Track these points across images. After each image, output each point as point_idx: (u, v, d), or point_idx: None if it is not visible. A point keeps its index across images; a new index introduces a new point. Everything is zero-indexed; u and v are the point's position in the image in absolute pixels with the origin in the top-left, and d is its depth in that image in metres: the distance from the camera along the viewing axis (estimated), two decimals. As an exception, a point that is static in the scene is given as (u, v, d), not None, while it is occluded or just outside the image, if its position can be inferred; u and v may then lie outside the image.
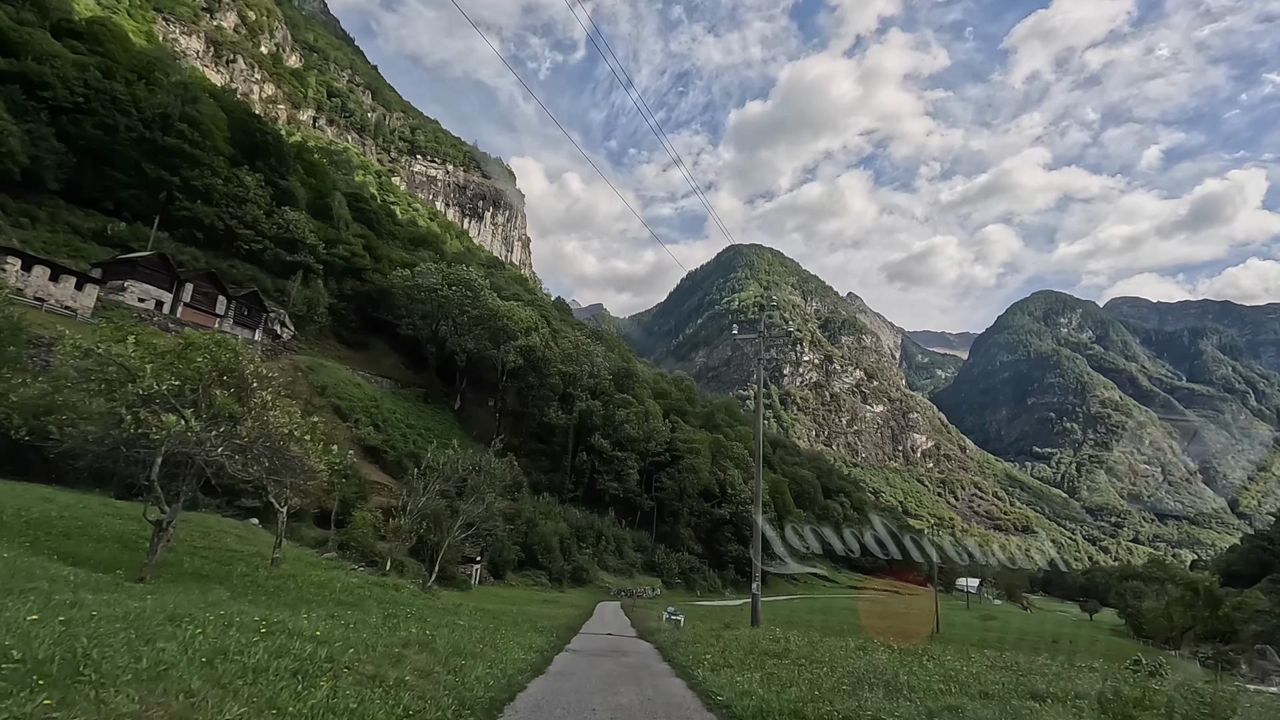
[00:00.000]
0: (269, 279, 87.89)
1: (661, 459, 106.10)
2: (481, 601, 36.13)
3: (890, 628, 67.11)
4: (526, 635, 20.29)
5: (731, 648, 18.59)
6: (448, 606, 27.57)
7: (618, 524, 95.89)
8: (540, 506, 77.70)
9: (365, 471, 61.65)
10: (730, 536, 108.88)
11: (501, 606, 35.93)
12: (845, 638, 25.61)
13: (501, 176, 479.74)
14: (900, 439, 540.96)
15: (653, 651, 20.25)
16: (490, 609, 31.63)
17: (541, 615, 33.22)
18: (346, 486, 43.88)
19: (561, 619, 31.62)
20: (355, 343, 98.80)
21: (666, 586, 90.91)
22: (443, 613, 23.87)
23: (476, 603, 35.03)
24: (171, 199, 79.92)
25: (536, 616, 30.99)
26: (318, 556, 35.46)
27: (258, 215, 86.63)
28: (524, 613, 33.59)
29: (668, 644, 20.91)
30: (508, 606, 36.56)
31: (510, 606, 36.85)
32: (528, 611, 35.07)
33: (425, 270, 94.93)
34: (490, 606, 34.11)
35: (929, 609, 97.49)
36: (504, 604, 38.76)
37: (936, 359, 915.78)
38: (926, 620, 77.88)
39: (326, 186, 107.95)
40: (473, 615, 24.83)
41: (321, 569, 29.40)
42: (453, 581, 45.02)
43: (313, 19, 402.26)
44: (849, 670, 14.92)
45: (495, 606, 35.00)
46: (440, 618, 21.26)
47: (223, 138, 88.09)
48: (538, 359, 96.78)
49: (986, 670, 18.23)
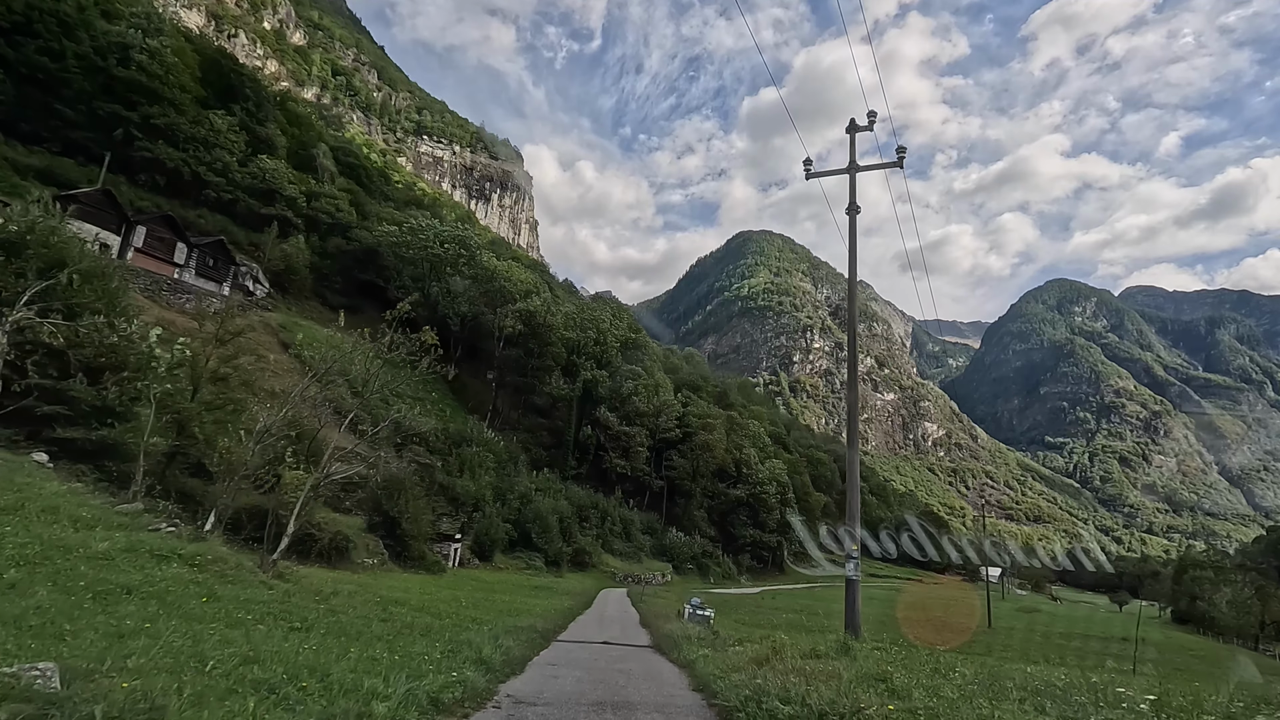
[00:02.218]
0: (242, 233, 79.79)
1: (672, 436, 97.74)
2: (437, 590, 27.93)
3: (931, 620, 59.24)
4: (454, 652, 11.40)
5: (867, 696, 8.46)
6: (286, 602, 15.34)
7: (625, 504, 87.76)
8: (538, 482, 69.67)
9: (330, 436, 53.57)
10: (746, 520, 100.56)
11: (458, 595, 27.71)
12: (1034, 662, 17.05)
13: (509, 158, 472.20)
14: (911, 427, 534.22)
15: (689, 696, 10.67)
16: (436, 601, 23.36)
17: (520, 608, 25.38)
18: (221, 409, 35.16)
19: (545, 613, 23.62)
20: (343, 306, 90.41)
21: (677, 572, 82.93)
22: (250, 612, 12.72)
23: (427, 592, 26.59)
24: (130, 139, 71.83)
25: (511, 610, 23.02)
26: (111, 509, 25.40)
27: (229, 161, 78.48)
28: (493, 605, 25.74)
29: (714, 677, 11.01)
30: (474, 596, 28.56)
31: (478, 596, 28.85)
32: (501, 604, 27.15)
33: (417, 225, 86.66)
34: (442, 595, 25.90)
35: (964, 601, 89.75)
36: (474, 591, 30.67)
37: (948, 348, 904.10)
38: (967, 614, 70.25)
39: (311, 138, 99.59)
40: (361, 618, 15.64)
41: (69, 524, 15.00)
42: (419, 562, 37.09)
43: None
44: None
45: (451, 595, 26.89)
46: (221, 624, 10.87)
47: (191, 76, 79.84)
48: (538, 325, 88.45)
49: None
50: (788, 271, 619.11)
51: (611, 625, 23.81)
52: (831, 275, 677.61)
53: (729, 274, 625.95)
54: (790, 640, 14.33)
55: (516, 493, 59.74)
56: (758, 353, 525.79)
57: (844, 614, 18.18)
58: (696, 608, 25.16)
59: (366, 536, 34.85)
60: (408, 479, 36.64)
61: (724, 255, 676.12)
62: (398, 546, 35.66)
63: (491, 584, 38.05)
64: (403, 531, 35.15)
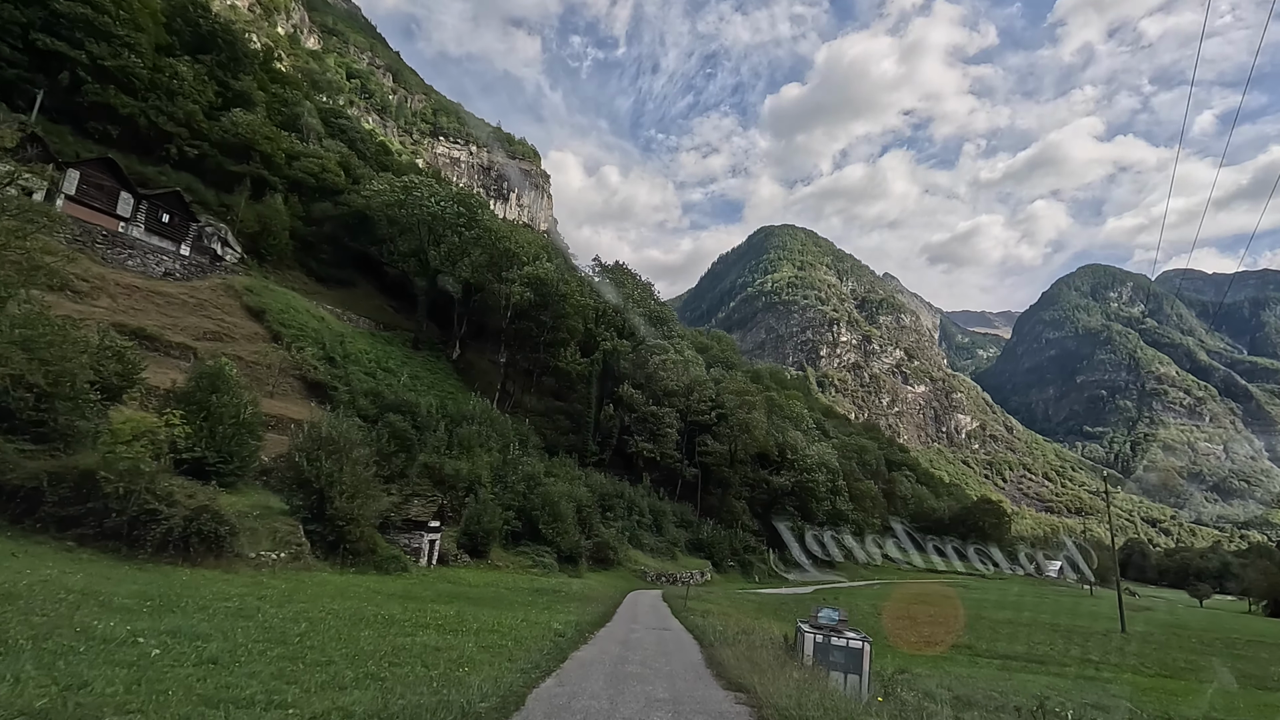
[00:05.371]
0: (212, 193, 70.13)
1: (705, 419, 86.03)
2: (353, 603, 16.46)
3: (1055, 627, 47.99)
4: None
5: None
6: None
7: (654, 494, 76.47)
8: (551, 465, 58.81)
9: (289, 409, 43.19)
10: (793, 510, 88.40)
11: (387, 614, 16.36)
12: None
13: (526, 157, 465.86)
14: (943, 420, 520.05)
15: None
16: (308, 637, 11.96)
17: (494, 630, 14.53)
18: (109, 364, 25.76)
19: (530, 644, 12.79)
20: (332, 279, 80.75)
21: (717, 570, 71.77)
22: None
23: (315, 611, 14.93)
24: (77, 83, 62.27)
25: (459, 660, 11.58)
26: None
27: (193, 110, 68.68)
28: (448, 624, 14.97)
29: None
30: (432, 611, 17.55)
31: (437, 610, 17.79)
32: (471, 622, 16.26)
33: (411, 183, 76.44)
34: (329, 625, 13.78)
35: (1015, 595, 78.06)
36: (431, 606, 19.13)
37: (977, 339, 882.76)
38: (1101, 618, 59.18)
39: (295, 96, 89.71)
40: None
41: None
42: (365, 558, 26.22)
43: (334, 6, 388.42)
44: None
45: (353, 611, 16.10)
46: None
47: (153, 19, 70.12)
48: (551, 294, 77.64)
49: None
50: (811, 265, 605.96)
51: (649, 676, 12.65)
52: (856, 267, 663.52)
53: (751, 269, 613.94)
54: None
55: (521, 474, 48.74)
56: (783, 348, 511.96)
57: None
58: (832, 631, 13.38)
59: (278, 520, 24.22)
60: (345, 438, 26.19)
61: (746, 251, 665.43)
62: (329, 534, 24.95)
63: (474, 591, 26.87)
64: (335, 512, 24.46)
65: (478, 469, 43.00)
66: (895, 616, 40.63)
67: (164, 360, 39.95)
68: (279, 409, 41.09)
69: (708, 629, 19.89)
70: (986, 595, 77.49)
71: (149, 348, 40.28)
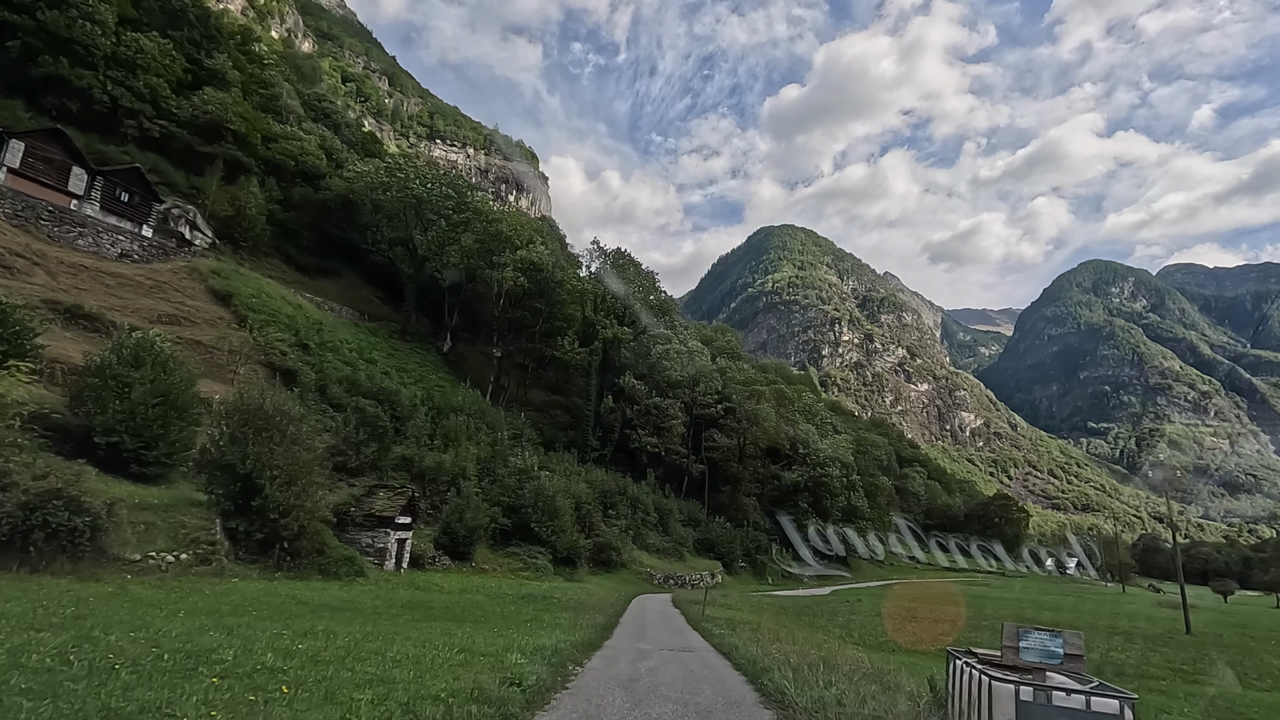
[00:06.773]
0: (180, 175, 65.48)
1: (712, 412, 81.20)
2: (222, 624, 10.87)
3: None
4: None
5: None
6: None
7: (659, 490, 71.48)
8: (547, 462, 53.87)
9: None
10: (806, 508, 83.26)
11: (293, 649, 10.14)
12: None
13: (523, 159, 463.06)
14: (947, 418, 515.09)
15: None
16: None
17: (384, 680, 8.92)
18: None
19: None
20: (314, 268, 76.03)
21: (728, 571, 66.85)
22: None
23: (153, 625, 9.16)
24: (30, 54, 57.62)
25: (374, 682, 6.38)
26: None
27: (158, 85, 63.96)
28: (320, 660, 9.96)
29: None
30: (328, 639, 11.38)
31: (359, 644, 11.16)
32: (365, 659, 10.40)
33: (395, 164, 71.75)
34: (145, 637, 8.05)
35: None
36: (385, 616, 13.78)
37: (979, 336, 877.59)
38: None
39: (274, 79, 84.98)
40: None
41: None
42: (308, 560, 21.23)
43: (328, 11, 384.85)
44: None
45: (211, 648, 9.85)
46: None
47: (116, -10, 65.39)
48: (546, 280, 72.88)
49: None
50: (812, 265, 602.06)
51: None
52: (857, 266, 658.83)
53: (752, 270, 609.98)
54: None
55: (512, 467, 43.81)
56: (785, 347, 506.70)
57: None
58: (1054, 673, 7.35)
59: (188, 513, 19.34)
60: (281, 412, 21.30)
61: (746, 252, 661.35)
62: (257, 530, 19.95)
63: (441, 600, 21.47)
64: (265, 503, 19.49)
65: (462, 461, 38.24)
66: (934, 620, 35.81)
67: (103, 342, 35.19)
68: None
69: (749, 652, 14.28)
70: (1017, 594, 72.67)
71: (86, 328, 35.58)
